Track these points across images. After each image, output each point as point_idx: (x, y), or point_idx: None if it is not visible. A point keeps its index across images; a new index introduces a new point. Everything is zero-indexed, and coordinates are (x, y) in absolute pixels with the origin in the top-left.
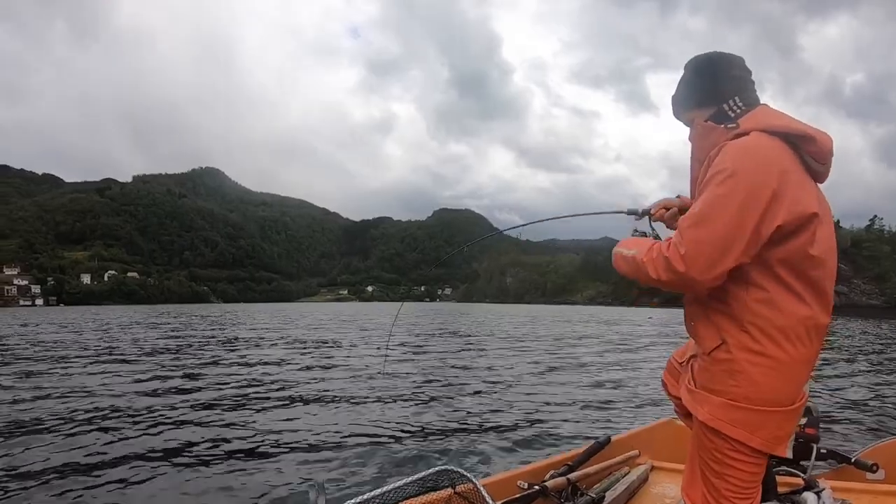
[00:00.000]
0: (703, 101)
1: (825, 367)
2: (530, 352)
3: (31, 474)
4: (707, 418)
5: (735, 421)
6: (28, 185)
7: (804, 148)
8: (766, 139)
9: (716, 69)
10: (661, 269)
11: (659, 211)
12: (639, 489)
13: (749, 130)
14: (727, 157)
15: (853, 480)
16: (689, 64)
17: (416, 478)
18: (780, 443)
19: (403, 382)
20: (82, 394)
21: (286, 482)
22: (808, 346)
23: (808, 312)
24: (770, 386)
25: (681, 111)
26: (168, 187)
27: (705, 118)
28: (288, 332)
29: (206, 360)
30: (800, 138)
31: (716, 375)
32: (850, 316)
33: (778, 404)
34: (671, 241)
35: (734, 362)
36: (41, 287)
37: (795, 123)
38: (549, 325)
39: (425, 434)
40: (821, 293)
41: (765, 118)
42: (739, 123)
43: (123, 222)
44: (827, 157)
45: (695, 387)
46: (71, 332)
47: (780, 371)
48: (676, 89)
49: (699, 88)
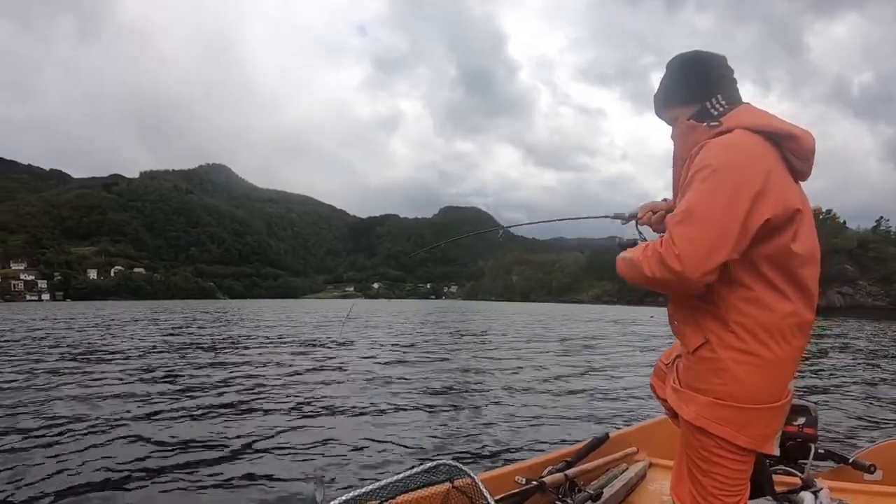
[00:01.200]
0: (687, 98)
1: (825, 367)
2: (529, 350)
3: (25, 474)
4: (693, 417)
5: (721, 419)
6: (35, 180)
7: (786, 146)
8: (749, 136)
9: (700, 67)
10: (656, 267)
11: (646, 215)
12: (636, 486)
13: (732, 128)
14: (710, 154)
15: (851, 481)
16: (673, 62)
17: (414, 472)
18: (767, 440)
19: (403, 380)
20: (79, 391)
21: (286, 477)
22: (792, 344)
23: (792, 309)
24: (755, 384)
25: (663, 109)
26: (175, 183)
27: (688, 116)
28: (290, 329)
29: (206, 356)
30: (782, 136)
31: (700, 374)
32: (855, 317)
33: (763, 402)
34: (664, 239)
35: (719, 361)
36: (48, 282)
37: (778, 122)
38: (550, 323)
39: (423, 429)
40: (805, 290)
41: (748, 116)
42: (722, 121)
43: (130, 218)
44: (809, 154)
45: (680, 386)
46: (73, 328)
47: (765, 369)
48: (659, 87)
49: (683, 86)
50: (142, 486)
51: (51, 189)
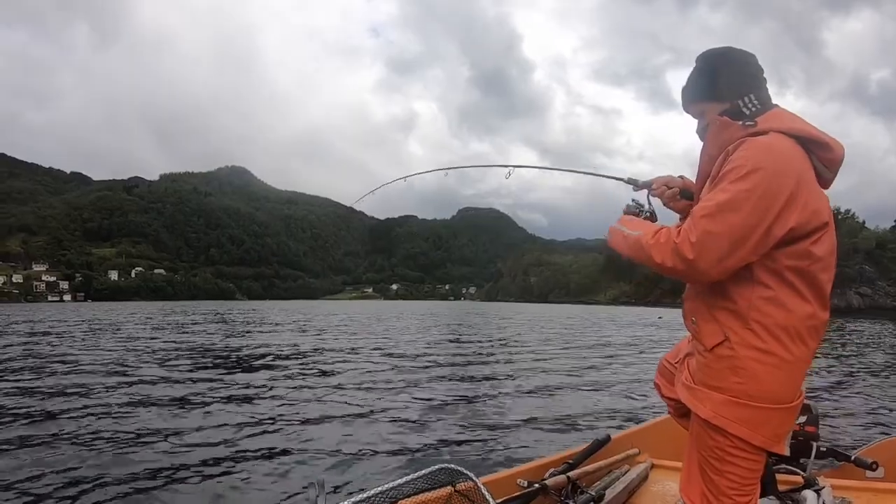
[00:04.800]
0: (720, 95)
1: (829, 366)
2: (530, 350)
3: (24, 473)
4: (709, 415)
5: (738, 418)
6: (57, 183)
7: (817, 154)
8: (785, 140)
9: (734, 64)
10: (668, 255)
11: (660, 187)
12: (639, 487)
13: (767, 130)
14: (749, 153)
15: (853, 479)
16: (706, 56)
17: (416, 476)
18: (780, 440)
19: (404, 381)
20: (82, 390)
21: (287, 480)
22: (809, 345)
23: (810, 311)
24: (773, 383)
25: (692, 103)
26: (194, 185)
27: (719, 112)
28: (303, 330)
29: (208, 357)
30: (815, 144)
31: (717, 372)
32: (873, 318)
33: (779, 402)
34: (681, 228)
35: (737, 359)
36: (69, 283)
37: (812, 129)
38: (554, 324)
39: (425, 432)
40: (821, 292)
41: (783, 120)
42: (757, 122)
43: (151, 220)
44: (837, 165)
45: (693, 383)
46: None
47: (783, 369)
48: (688, 80)
49: (716, 82)
50: (139, 489)
51: (72, 191)
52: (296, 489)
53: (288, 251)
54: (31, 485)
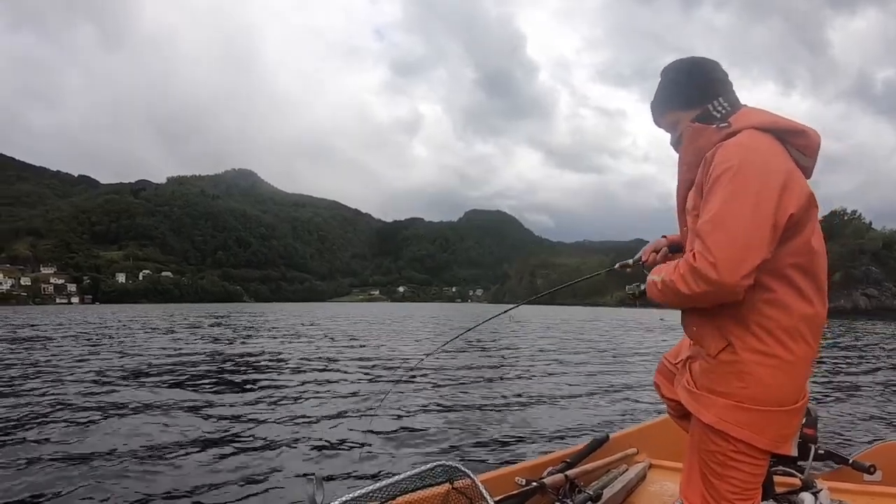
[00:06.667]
0: (690, 102)
1: (829, 367)
2: (531, 351)
3: (25, 468)
4: (713, 421)
5: (741, 422)
6: (64, 186)
7: (793, 142)
8: (760, 135)
9: (700, 71)
10: (693, 282)
11: (649, 255)
12: (636, 487)
13: (741, 129)
14: (731, 154)
15: (851, 482)
16: (671, 68)
17: (414, 473)
18: (786, 441)
19: (402, 381)
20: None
21: (285, 477)
22: (811, 344)
23: (812, 310)
24: (777, 386)
25: (662, 115)
26: (202, 188)
27: (690, 120)
28: (307, 331)
29: (210, 358)
30: (789, 133)
31: (721, 377)
32: (878, 320)
33: (784, 404)
34: (696, 252)
35: (741, 363)
36: (77, 286)
37: (784, 120)
38: (556, 324)
39: (423, 429)
40: (821, 287)
41: (754, 116)
42: (730, 122)
43: (158, 223)
44: (815, 151)
45: (696, 388)
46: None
47: (787, 371)
48: (656, 95)
49: (685, 90)
50: (137, 487)
51: (80, 195)
52: (293, 485)
53: (295, 253)
54: (31, 483)
